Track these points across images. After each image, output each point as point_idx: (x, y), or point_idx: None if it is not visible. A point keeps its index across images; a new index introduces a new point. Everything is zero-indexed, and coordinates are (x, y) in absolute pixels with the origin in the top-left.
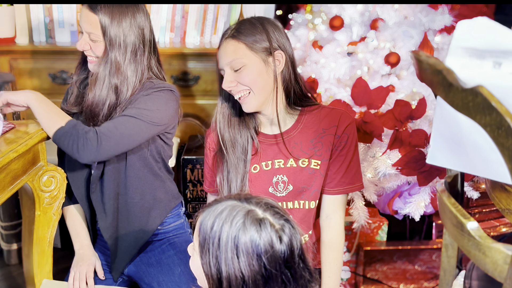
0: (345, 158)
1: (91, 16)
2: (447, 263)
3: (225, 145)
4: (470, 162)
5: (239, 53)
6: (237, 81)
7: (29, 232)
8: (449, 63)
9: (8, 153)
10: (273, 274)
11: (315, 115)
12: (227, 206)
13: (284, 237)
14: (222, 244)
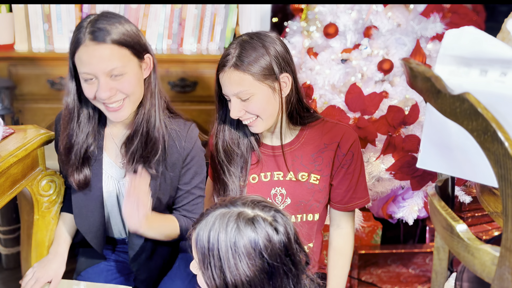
0: (353, 176)
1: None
2: (439, 266)
3: (226, 155)
4: (458, 166)
5: (246, 85)
6: (245, 110)
7: (28, 236)
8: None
9: (8, 157)
10: (275, 267)
11: (317, 130)
12: (217, 215)
13: (279, 227)
14: (223, 254)
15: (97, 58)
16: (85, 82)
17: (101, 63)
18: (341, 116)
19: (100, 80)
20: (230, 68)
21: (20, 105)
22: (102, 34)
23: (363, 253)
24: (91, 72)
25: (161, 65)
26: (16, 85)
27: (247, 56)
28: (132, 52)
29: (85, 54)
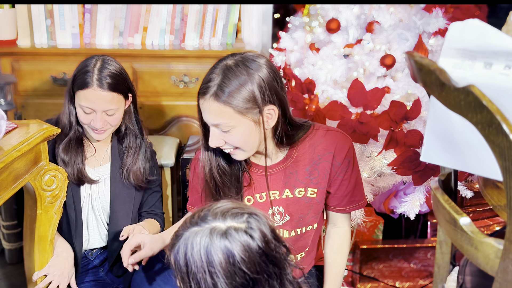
0: (349, 181)
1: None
2: (441, 259)
3: (221, 179)
4: (462, 159)
5: (225, 117)
6: (224, 140)
7: (31, 230)
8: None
9: (11, 152)
10: (256, 279)
11: (308, 142)
12: (189, 235)
13: (254, 233)
14: (200, 276)
15: (100, 101)
16: (83, 112)
17: (102, 105)
18: (343, 112)
19: (98, 115)
20: (210, 97)
21: (23, 101)
22: (107, 83)
23: (364, 248)
24: (93, 108)
25: (164, 60)
26: (19, 80)
27: (229, 85)
28: (123, 96)
29: (91, 95)
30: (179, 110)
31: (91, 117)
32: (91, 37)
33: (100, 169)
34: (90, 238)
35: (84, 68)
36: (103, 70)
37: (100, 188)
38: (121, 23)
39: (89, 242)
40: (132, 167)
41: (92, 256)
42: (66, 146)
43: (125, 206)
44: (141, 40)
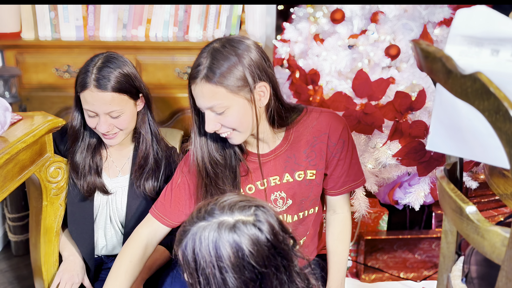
0: (345, 161)
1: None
2: (447, 249)
3: (213, 169)
4: (468, 147)
5: (219, 98)
6: (220, 123)
7: (37, 222)
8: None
9: (16, 143)
10: (264, 273)
11: (303, 124)
12: (197, 230)
13: (262, 225)
14: (209, 271)
15: (99, 102)
16: (88, 116)
17: (102, 106)
18: (347, 102)
19: (101, 118)
20: (201, 80)
21: (28, 93)
22: (105, 83)
23: (369, 239)
24: (94, 110)
25: (167, 52)
26: (23, 73)
27: (219, 66)
28: (129, 96)
29: (89, 97)
30: (183, 102)
31: (96, 121)
32: (95, 30)
33: (118, 180)
34: (108, 245)
35: (86, 67)
36: (103, 69)
37: (117, 199)
38: (125, 15)
39: (107, 248)
40: (144, 181)
41: (108, 260)
42: (80, 154)
43: (140, 219)
44: (144, 32)
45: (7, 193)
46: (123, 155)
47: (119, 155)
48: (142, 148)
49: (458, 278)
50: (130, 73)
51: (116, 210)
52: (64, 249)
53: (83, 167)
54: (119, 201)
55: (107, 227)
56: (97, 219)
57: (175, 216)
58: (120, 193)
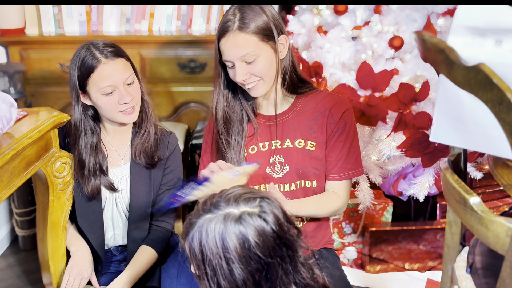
0: (344, 144)
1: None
2: (451, 240)
3: (225, 124)
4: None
5: (251, 46)
6: (250, 73)
7: (43, 217)
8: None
9: (22, 139)
10: (270, 263)
11: (312, 98)
12: (203, 223)
13: (267, 216)
14: (215, 262)
15: (115, 71)
16: (107, 96)
17: (119, 75)
18: (351, 94)
19: (121, 89)
20: (234, 31)
21: (33, 89)
22: (110, 53)
23: (374, 231)
24: (112, 83)
25: (171, 46)
26: (28, 69)
27: (250, 17)
28: (130, 62)
29: (104, 70)
30: (187, 96)
31: (116, 97)
32: (98, 24)
33: (122, 169)
34: (115, 235)
35: (80, 56)
36: (99, 46)
37: (123, 188)
38: (128, 9)
39: (114, 238)
40: (143, 143)
41: (117, 251)
42: (81, 157)
43: (143, 206)
44: (148, 26)
45: (14, 189)
46: (124, 142)
47: (120, 143)
48: (145, 113)
49: (462, 268)
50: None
51: (122, 197)
52: (72, 244)
53: (88, 168)
54: (124, 188)
55: (114, 216)
56: (105, 209)
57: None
58: (125, 180)
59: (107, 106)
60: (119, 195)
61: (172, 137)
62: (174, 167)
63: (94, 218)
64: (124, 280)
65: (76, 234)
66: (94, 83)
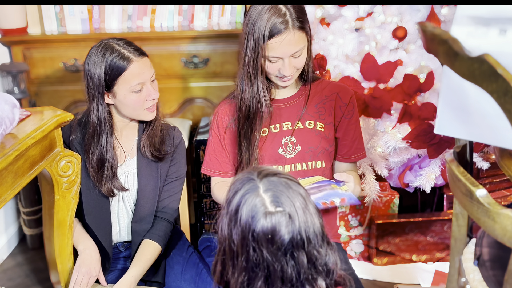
0: (356, 126)
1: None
2: (458, 232)
3: (250, 118)
4: (477, 130)
5: (303, 41)
6: (294, 66)
7: (49, 216)
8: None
9: (25, 139)
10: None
11: (317, 85)
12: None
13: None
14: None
15: (146, 68)
16: (136, 93)
17: (148, 72)
18: (355, 86)
19: (149, 87)
20: (293, 29)
21: (36, 88)
22: (138, 51)
23: (380, 223)
24: (143, 80)
25: (173, 42)
26: (31, 68)
27: (302, 15)
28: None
29: (137, 67)
30: (191, 92)
31: (144, 94)
32: (100, 22)
33: (128, 164)
34: (121, 231)
35: (107, 57)
36: (122, 44)
37: (130, 182)
38: (129, 6)
39: (120, 234)
40: (148, 140)
41: (123, 248)
42: (99, 156)
43: (150, 200)
44: (150, 22)
45: (18, 189)
46: (130, 137)
47: (127, 139)
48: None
49: (470, 260)
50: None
51: (129, 192)
52: (79, 242)
53: (103, 168)
54: (131, 183)
55: (120, 211)
56: (112, 205)
57: (217, 167)
58: (131, 175)
59: (136, 103)
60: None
61: (177, 131)
62: (178, 160)
63: (102, 214)
64: (131, 278)
65: (83, 232)
66: (125, 82)
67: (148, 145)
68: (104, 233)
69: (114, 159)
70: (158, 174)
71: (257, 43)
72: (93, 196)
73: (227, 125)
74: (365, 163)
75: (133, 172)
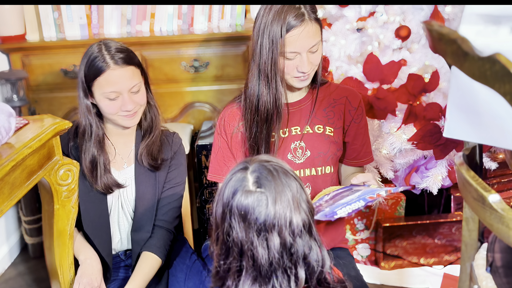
0: (365, 130)
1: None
2: (468, 237)
3: (267, 114)
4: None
5: (319, 34)
6: (312, 62)
7: (49, 225)
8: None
9: (22, 149)
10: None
11: (325, 89)
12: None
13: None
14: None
15: (122, 79)
16: (110, 100)
17: (126, 82)
18: (359, 87)
19: (125, 96)
20: (310, 21)
21: (36, 95)
22: (122, 59)
23: (387, 226)
24: (118, 90)
25: (173, 46)
26: (30, 75)
27: (314, 8)
28: (140, 70)
29: (112, 76)
30: (192, 96)
31: (119, 103)
32: (99, 27)
33: (126, 171)
34: (122, 239)
35: (91, 56)
36: (110, 49)
37: (128, 191)
38: (128, 11)
39: (121, 243)
40: (148, 146)
41: (125, 256)
42: (91, 155)
43: (148, 208)
44: (149, 27)
45: (15, 200)
46: (128, 145)
47: (124, 146)
48: (149, 116)
49: (482, 267)
50: (130, 49)
51: (129, 200)
52: (80, 253)
53: (97, 167)
54: (129, 191)
55: (120, 220)
56: (111, 213)
57: (226, 173)
58: (129, 182)
59: (109, 109)
60: (124, 197)
61: (176, 137)
62: (177, 166)
63: (101, 224)
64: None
65: (84, 242)
66: (99, 86)
67: (145, 154)
68: (103, 241)
69: (105, 157)
70: (156, 182)
71: (274, 40)
72: (91, 204)
73: (234, 130)
74: (370, 165)
75: (131, 180)
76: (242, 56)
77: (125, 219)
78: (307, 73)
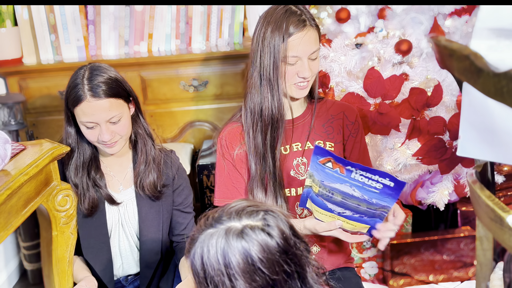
0: (360, 144)
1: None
2: (483, 257)
3: (271, 121)
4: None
5: (318, 43)
6: (311, 69)
7: (48, 253)
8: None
9: (18, 176)
10: (275, 279)
11: (322, 105)
12: (204, 238)
13: (271, 231)
14: (218, 278)
15: (98, 111)
16: (88, 128)
17: (102, 114)
18: (360, 103)
19: (102, 127)
20: (310, 27)
21: (34, 119)
22: (100, 91)
23: (394, 243)
24: (94, 121)
25: (171, 66)
26: (27, 98)
27: (313, 16)
28: (123, 100)
29: (87, 108)
30: (191, 115)
31: (97, 132)
32: (97, 49)
33: (125, 193)
34: (124, 264)
35: (74, 82)
36: (93, 78)
37: (129, 212)
38: (126, 31)
39: (123, 268)
40: (145, 177)
41: (127, 282)
42: (75, 170)
43: (153, 229)
44: (147, 47)
45: (12, 229)
46: (124, 167)
47: (120, 168)
48: (141, 148)
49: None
50: (118, 77)
51: (130, 222)
52: (79, 274)
53: (81, 186)
54: (131, 212)
55: (122, 244)
56: (112, 237)
57: (236, 195)
58: (130, 204)
59: (88, 137)
60: (126, 220)
61: (173, 155)
62: (183, 186)
63: (101, 248)
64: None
65: (83, 266)
66: (77, 114)
67: (145, 185)
68: (104, 268)
69: (92, 176)
70: (160, 201)
71: (276, 45)
72: (90, 228)
73: (236, 150)
74: None
75: (132, 201)
76: (241, 74)
77: (126, 243)
78: (307, 79)
